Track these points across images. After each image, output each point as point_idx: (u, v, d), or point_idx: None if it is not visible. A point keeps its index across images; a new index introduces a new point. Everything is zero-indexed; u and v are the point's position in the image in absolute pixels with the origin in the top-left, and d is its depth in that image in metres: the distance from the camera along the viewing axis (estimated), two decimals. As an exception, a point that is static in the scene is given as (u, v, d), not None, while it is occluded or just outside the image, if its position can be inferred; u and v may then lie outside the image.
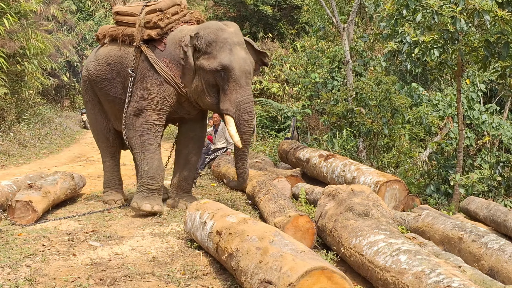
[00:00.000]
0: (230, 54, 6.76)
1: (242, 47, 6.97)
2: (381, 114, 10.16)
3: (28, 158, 13.96)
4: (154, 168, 7.27)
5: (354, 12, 12.07)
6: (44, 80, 20.22)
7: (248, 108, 6.82)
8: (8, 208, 6.77)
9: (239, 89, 6.77)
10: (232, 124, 6.82)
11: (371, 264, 4.39)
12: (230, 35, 6.92)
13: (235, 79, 6.73)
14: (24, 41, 16.59)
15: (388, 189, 7.15)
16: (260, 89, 25.69)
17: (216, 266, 5.04)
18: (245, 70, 6.81)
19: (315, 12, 19.16)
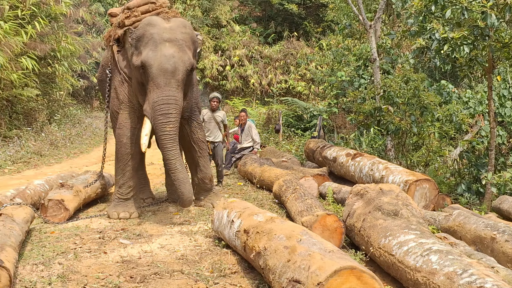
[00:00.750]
0: (152, 50, 6.45)
1: (173, 44, 6.55)
2: (409, 112, 10.08)
3: (60, 158, 14.15)
4: (124, 179, 7.11)
5: (381, 9, 11.98)
6: (74, 81, 20.49)
7: (162, 110, 6.37)
8: (41, 207, 6.92)
9: (156, 88, 6.42)
10: (146, 126, 6.67)
11: (401, 264, 4.35)
12: (160, 30, 6.57)
13: (152, 77, 6.42)
14: (54, 43, 16.86)
15: (418, 188, 7.06)
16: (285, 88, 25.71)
17: (244, 264, 5.04)
18: (164, 68, 6.38)
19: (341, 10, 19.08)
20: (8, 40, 13.57)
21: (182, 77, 6.52)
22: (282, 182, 7.70)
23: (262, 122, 20.26)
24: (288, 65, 26.77)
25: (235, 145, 11.84)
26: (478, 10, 7.22)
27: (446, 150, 10.90)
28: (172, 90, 6.41)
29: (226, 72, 26.12)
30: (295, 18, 28.31)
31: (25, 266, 4.93)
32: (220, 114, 9.61)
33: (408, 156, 10.30)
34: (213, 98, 9.60)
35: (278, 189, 7.70)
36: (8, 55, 13.43)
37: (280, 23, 28.59)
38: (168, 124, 6.39)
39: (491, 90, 8.24)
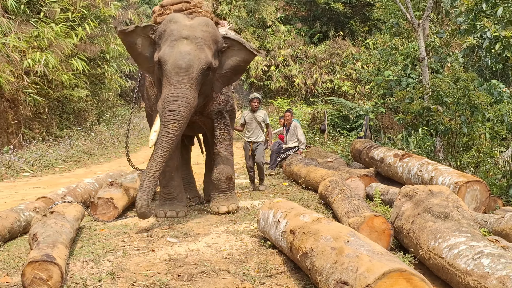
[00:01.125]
0: (169, 47, 6.36)
1: (191, 41, 6.39)
2: (459, 112, 9.91)
3: (108, 157, 14.41)
4: (166, 179, 7.14)
5: (429, 8, 11.81)
6: (123, 82, 20.85)
7: (171, 106, 6.21)
8: (91, 205, 7.07)
9: (168, 85, 6.28)
10: (156, 122, 6.60)
11: (452, 268, 4.27)
12: (180, 27, 6.47)
13: (166, 73, 6.31)
14: (104, 45, 17.20)
15: (469, 190, 6.93)
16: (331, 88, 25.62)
17: (290, 265, 5.02)
18: (178, 65, 6.25)
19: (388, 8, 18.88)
20: (59, 42, 13.88)
21: (196, 75, 6.33)
22: (328, 182, 7.66)
23: (307, 122, 20.23)
24: (334, 65, 26.67)
25: (280, 145, 11.84)
26: (531, 7, 7.06)
27: (497, 151, 10.67)
28: (184, 87, 6.26)
29: (271, 72, 26.16)
30: (340, 17, 28.17)
31: (76, 263, 5.02)
32: (261, 114, 9.53)
33: (458, 157, 10.13)
34: (254, 99, 9.53)
35: (324, 189, 7.66)
36: (59, 57, 13.73)
37: (326, 23, 28.49)
38: (173, 122, 6.22)
39: (544, 90, 8.04)
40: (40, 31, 13.43)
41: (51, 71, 13.47)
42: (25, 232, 6.02)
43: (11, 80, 12.42)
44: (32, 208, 6.38)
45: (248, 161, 9.49)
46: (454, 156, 10.19)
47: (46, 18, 14.40)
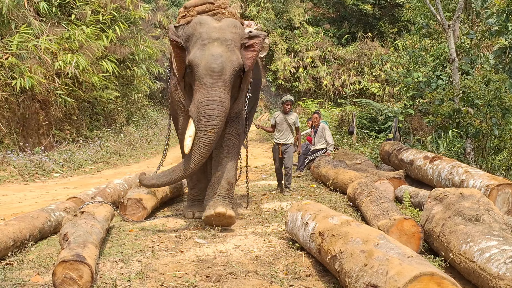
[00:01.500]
0: (200, 49, 6.18)
1: (222, 43, 6.24)
2: (490, 114, 9.82)
3: (137, 158, 14.53)
4: (193, 181, 7.18)
5: (460, 9, 11.70)
6: (152, 84, 21.01)
7: (207, 111, 6.01)
8: (120, 205, 7.12)
9: (202, 88, 6.09)
10: (190, 127, 6.25)
11: (483, 272, 4.22)
12: (209, 29, 6.31)
13: (198, 77, 6.12)
14: (133, 47, 17.37)
15: (500, 193, 6.84)
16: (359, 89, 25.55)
17: (318, 267, 5.01)
18: (211, 68, 6.06)
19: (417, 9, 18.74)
20: (90, 44, 14.04)
21: (229, 77, 6.20)
22: (357, 184, 7.63)
23: (335, 124, 20.19)
24: (362, 66, 26.62)
25: (308, 146, 11.82)
26: None
27: (529, 154, 10.54)
28: (219, 91, 6.08)
29: (299, 74, 26.20)
30: (369, 18, 28.08)
31: (106, 263, 5.07)
32: (292, 117, 9.42)
33: (488, 159, 10.03)
34: (287, 101, 9.39)
35: (352, 192, 7.63)
36: (89, 59, 13.89)
37: (354, 24, 28.44)
38: (211, 128, 6.03)
39: None
40: (71, 33, 13.59)
41: (82, 73, 13.63)
42: (55, 232, 6.12)
43: (43, 82, 12.60)
44: (63, 208, 6.45)
45: (276, 163, 9.42)
46: (485, 158, 10.09)
47: (77, 21, 14.58)
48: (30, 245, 5.54)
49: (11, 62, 11.78)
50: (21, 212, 7.03)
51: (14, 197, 8.63)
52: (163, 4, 23.54)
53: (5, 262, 5.02)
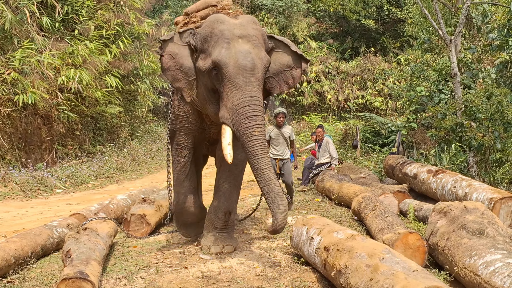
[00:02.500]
0: (225, 48, 5.44)
1: (247, 40, 5.56)
2: (493, 128, 9.85)
3: (141, 173, 14.51)
4: (180, 204, 6.46)
5: (461, 24, 11.74)
6: (155, 98, 21.01)
7: (247, 113, 5.31)
8: (124, 221, 7.10)
9: (235, 90, 5.36)
10: (226, 135, 5.49)
11: (488, 285, 4.22)
12: (230, 26, 5.60)
13: (229, 77, 5.38)
14: (137, 62, 17.42)
15: (503, 206, 6.83)
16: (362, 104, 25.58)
17: (324, 282, 5.01)
18: (243, 66, 5.36)
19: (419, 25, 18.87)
20: (93, 59, 14.08)
21: (261, 75, 5.54)
22: (361, 198, 7.62)
23: (339, 138, 20.21)
24: (365, 81, 26.65)
25: (312, 160, 11.81)
26: None
27: (532, 167, 10.53)
28: (254, 90, 5.40)
29: (303, 88, 26.24)
30: (372, 33, 28.16)
31: (109, 280, 5.05)
32: (287, 130, 9.17)
33: (491, 173, 10.02)
34: (279, 114, 9.15)
35: (357, 206, 7.62)
36: (93, 74, 13.93)
37: (357, 39, 28.51)
38: (256, 127, 5.31)
39: None
40: (75, 49, 13.64)
41: (85, 88, 13.66)
42: (58, 248, 6.08)
43: (45, 97, 12.62)
44: (65, 224, 6.44)
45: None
46: (488, 172, 10.08)
47: (80, 36, 14.65)
48: (32, 262, 5.52)
49: (13, 77, 11.81)
50: (23, 229, 7.02)
51: (16, 214, 8.63)
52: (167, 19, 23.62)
53: (6, 280, 5.01)
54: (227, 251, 5.99)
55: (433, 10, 13.11)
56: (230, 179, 6.24)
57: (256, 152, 5.28)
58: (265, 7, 26.69)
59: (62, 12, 14.27)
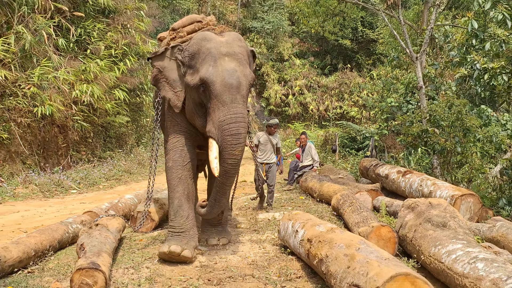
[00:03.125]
0: (212, 66, 5.16)
1: (233, 58, 5.27)
2: (453, 134, 9.90)
3: (146, 176, 14.34)
4: (174, 209, 5.70)
5: (425, 43, 11.82)
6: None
7: (232, 130, 5.03)
8: (131, 218, 7.09)
9: (221, 106, 5.07)
10: (213, 149, 5.20)
11: (450, 271, 4.24)
12: (217, 44, 5.31)
13: (215, 94, 5.09)
14: (142, 77, 17.43)
15: (463, 202, 6.89)
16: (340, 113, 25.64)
17: (307, 270, 5.01)
18: (229, 84, 5.08)
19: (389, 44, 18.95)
20: (104, 75, 14.04)
21: (246, 92, 5.27)
22: (339, 196, 7.64)
23: (320, 143, 20.23)
24: (343, 93, 26.73)
25: (297, 163, 11.81)
26: (516, 41, 7.04)
27: (487, 168, 10.60)
28: (239, 107, 5.11)
29: (288, 100, 26.29)
30: (348, 52, 28.25)
31: (118, 269, 5.04)
32: (275, 138, 8.99)
33: (452, 173, 10.07)
34: (275, 125, 9.01)
35: (336, 202, 7.64)
36: (103, 88, 13.89)
37: (335, 57, 28.58)
38: (237, 146, 5.05)
39: (530, 113, 7.98)
40: (87, 66, 13.61)
41: (96, 101, 13.61)
42: (73, 242, 6.06)
43: (61, 109, 12.58)
44: (79, 221, 6.42)
45: (257, 181, 8.08)
46: (450, 172, 10.13)
47: (92, 55, 14.61)
48: (50, 254, 5.51)
49: (33, 91, 11.77)
50: (42, 225, 6.99)
51: (35, 212, 8.59)
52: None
53: (27, 270, 5.00)
54: (222, 243, 5.87)
55: (401, 31, 13.20)
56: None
57: (229, 170, 5.13)
58: (255, 29, 26.71)
59: (76, 34, 14.24)
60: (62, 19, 13.82)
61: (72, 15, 14.31)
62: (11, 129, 11.62)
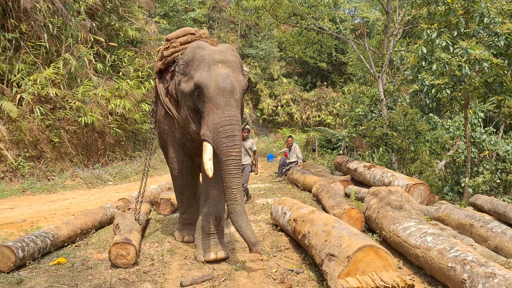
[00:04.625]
0: (206, 71, 4.27)
1: (226, 65, 4.36)
2: (408, 136, 9.94)
3: (167, 170, 14.35)
4: (184, 206, 5.22)
5: (385, 65, 11.86)
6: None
7: (227, 132, 4.09)
8: (155, 203, 7.08)
9: (215, 109, 4.15)
10: (207, 151, 4.16)
11: (405, 243, 4.26)
12: (211, 52, 4.43)
13: (209, 98, 4.16)
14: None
15: (416, 189, 6.91)
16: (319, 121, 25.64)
17: (293, 243, 5.03)
18: (222, 87, 4.16)
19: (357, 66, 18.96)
20: (133, 92, 14.04)
21: (239, 97, 4.33)
22: (318, 185, 7.66)
23: (303, 144, 20.24)
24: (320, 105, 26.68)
25: (285, 160, 11.82)
26: (455, 64, 7.07)
27: (434, 163, 10.64)
28: (233, 110, 4.18)
29: (278, 111, 26.23)
30: (324, 72, 28.19)
31: (145, 243, 5.06)
32: (248, 143, 7.99)
33: (407, 167, 10.10)
34: (244, 129, 7.72)
35: (316, 190, 7.66)
36: (132, 102, 13.88)
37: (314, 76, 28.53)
38: (234, 148, 4.11)
39: (466, 120, 8.02)
40: (120, 85, 13.60)
41: (127, 112, 13.61)
42: (110, 222, 6.09)
43: (100, 119, 12.58)
44: (115, 206, 6.44)
45: None
46: (405, 166, 10.16)
47: (123, 76, 14.59)
48: (92, 232, 5.54)
49: (77, 105, 11.76)
50: (86, 209, 7.00)
51: (80, 199, 8.59)
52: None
53: (75, 244, 5.03)
54: (220, 256, 4.44)
55: (366, 56, 13.26)
56: (218, 186, 4.60)
57: (230, 171, 4.08)
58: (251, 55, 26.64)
59: (111, 60, 14.24)
60: (99, 48, 13.83)
61: (107, 45, 14.33)
62: (61, 135, 11.61)
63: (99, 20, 14.28)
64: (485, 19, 7.27)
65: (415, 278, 4.02)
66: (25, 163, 10.44)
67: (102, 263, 4.34)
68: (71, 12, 12.60)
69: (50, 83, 11.42)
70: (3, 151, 10.09)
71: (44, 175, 10.68)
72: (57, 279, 3.89)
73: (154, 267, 4.24)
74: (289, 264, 4.32)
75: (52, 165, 11.21)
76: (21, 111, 10.75)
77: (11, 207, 7.62)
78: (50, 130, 11.39)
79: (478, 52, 6.83)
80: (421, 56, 7.56)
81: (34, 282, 3.81)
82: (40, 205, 7.77)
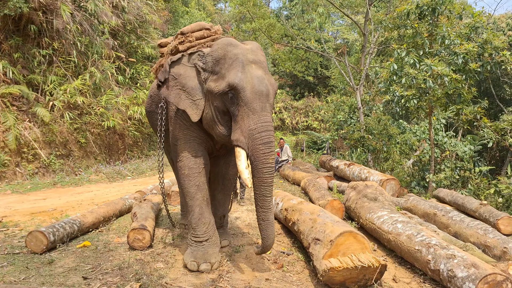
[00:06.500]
0: (240, 72, 3.38)
1: (259, 65, 3.51)
2: (381, 139, 9.94)
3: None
4: (195, 217, 3.77)
5: (363, 78, 11.88)
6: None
7: (264, 139, 3.28)
8: (167, 195, 7.01)
9: (251, 114, 3.31)
10: (241, 158, 3.38)
11: (379, 229, 4.27)
12: (243, 51, 3.52)
13: (246, 102, 3.31)
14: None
15: (388, 184, 6.92)
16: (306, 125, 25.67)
17: (285, 229, 5.02)
18: (259, 91, 3.34)
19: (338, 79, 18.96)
20: (148, 100, 13.99)
21: (273, 101, 3.52)
22: (306, 180, 7.66)
23: (293, 145, 20.23)
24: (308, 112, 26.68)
25: (277, 158, 11.81)
26: (421, 78, 7.09)
27: (404, 161, 10.66)
28: (268, 115, 3.39)
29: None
30: (311, 84, 28.22)
31: (159, 229, 5.03)
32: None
33: (381, 165, 10.13)
34: None
35: (303, 184, 7.66)
36: (148, 109, 13.83)
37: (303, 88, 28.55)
38: (270, 155, 3.31)
39: (431, 125, 8.05)
40: (137, 94, 13.54)
41: (144, 117, 13.58)
42: (128, 211, 6.03)
43: (120, 123, 12.55)
44: (133, 197, 6.41)
45: None
46: (379, 164, 10.18)
47: (140, 87, 14.54)
48: (113, 219, 5.50)
49: (101, 111, 11.74)
50: (108, 200, 6.97)
51: (103, 191, 8.55)
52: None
53: (98, 230, 4.98)
54: (223, 244, 4.21)
55: (346, 71, 13.27)
56: (224, 191, 4.29)
57: (266, 180, 3.32)
58: (249, 69, 26.79)
59: (130, 73, 14.20)
60: (120, 63, 13.78)
61: (127, 60, 14.28)
62: (87, 136, 11.57)
63: (120, 39, 14.24)
64: (446, 41, 7.31)
65: (387, 259, 4.03)
66: (56, 160, 10.42)
67: (121, 246, 4.32)
68: (96, 32, 12.58)
69: (78, 93, 11.39)
70: (38, 150, 10.07)
71: (72, 170, 10.65)
72: (83, 259, 3.87)
73: (166, 249, 4.21)
74: (281, 247, 4.30)
75: (79, 162, 11.18)
76: (53, 116, 10.74)
77: (43, 198, 7.58)
78: (78, 132, 11.36)
79: (440, 68, 6.87)
80: (393, 71, 7.58)
81: (63, 262, 3.79)
82: (68, 196, 7.73)
